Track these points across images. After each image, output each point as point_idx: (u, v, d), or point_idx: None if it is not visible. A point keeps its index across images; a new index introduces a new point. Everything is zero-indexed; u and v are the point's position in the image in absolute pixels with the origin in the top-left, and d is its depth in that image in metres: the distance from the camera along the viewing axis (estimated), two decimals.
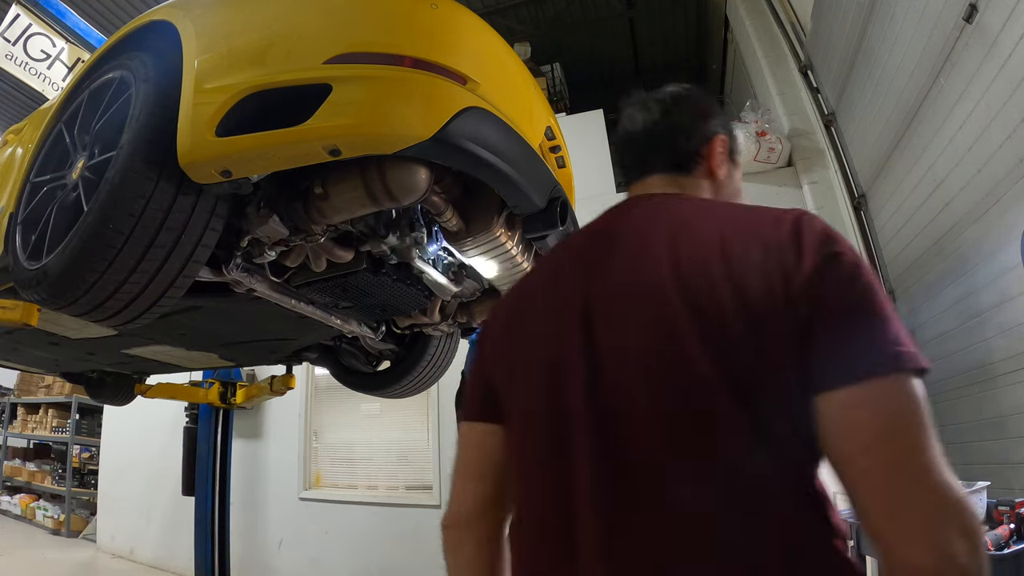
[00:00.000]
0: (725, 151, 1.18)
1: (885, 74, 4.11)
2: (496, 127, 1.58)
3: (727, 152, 1.19)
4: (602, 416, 0.90)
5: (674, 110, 1.19)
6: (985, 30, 2.90)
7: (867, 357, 0.80)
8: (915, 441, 0.78)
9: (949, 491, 0.75)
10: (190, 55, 1.63)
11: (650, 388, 0.88)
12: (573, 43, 8.86)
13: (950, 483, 0.76)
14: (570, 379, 0.94)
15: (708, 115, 1.19)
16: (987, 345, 3.30)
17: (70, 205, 1.76)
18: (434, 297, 2.42)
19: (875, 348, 0.80)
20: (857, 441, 0.79)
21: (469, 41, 1.67)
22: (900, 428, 0.79)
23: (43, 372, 4.29)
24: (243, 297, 1.98)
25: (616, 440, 0.89)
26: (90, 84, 1.99)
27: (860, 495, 0.79)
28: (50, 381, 8.72)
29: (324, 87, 1.42)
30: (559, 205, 1.91)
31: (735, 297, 0.86)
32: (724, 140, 1.18)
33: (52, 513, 8.01)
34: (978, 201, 3.22)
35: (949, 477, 0.76)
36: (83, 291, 1.67)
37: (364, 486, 6.43)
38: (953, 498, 0.75)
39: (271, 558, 6.33)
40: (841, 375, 0.80)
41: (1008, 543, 2.15)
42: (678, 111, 1.18)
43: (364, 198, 1.61)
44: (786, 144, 5.75)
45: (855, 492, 0.80)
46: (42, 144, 2.04)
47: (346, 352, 3.11)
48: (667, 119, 1.18)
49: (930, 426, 0.79)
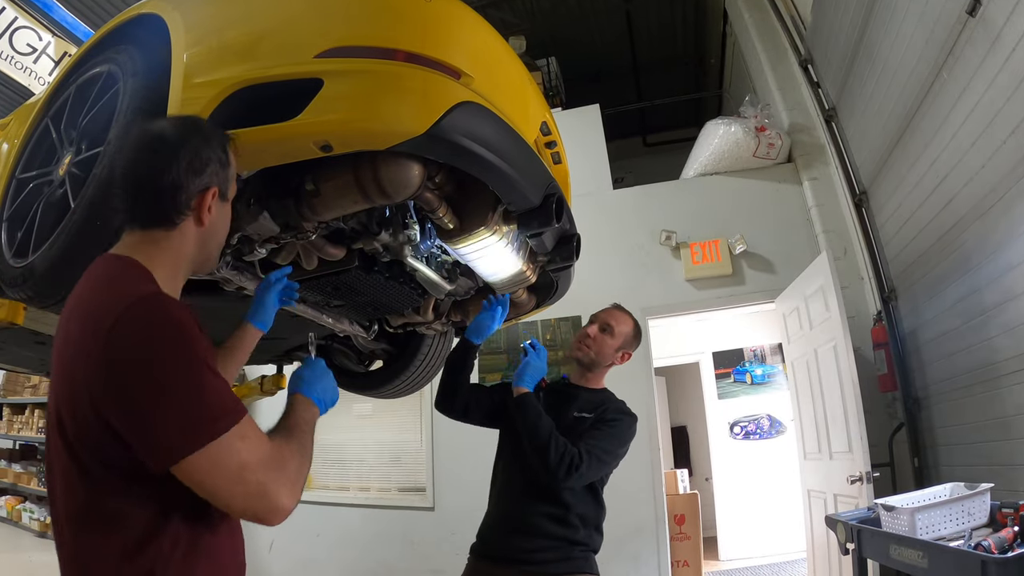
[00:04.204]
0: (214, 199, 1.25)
1: (887, 68, 4.07)
2: (491, 122, 1.55)
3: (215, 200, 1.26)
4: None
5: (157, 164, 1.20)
6: (989, 23, 2.87)
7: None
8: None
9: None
10: (179, 49, 1.61)
11: (53, 439, 1.11)
12: (569, 37, 8.80)
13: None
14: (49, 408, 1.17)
15: (200, 167, 1.22)
16: (991, 344, 3.27)
17: (56, 202, 1.74)
18: (427, 295, 2.40)
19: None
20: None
21: (463, 35, 1.64)
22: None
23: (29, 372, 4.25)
24: (233, 296, 1.95)
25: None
26: (77, 79, 1.97)
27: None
28: (36, 381, 8.57)
29: (315, 81, 1.39)
30: (555, 202, 1.87)
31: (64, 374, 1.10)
32: (215, 193, 1.24)
33: (39, 515, 7.89)
34: (981, 198, 3.19)
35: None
36: (70, 289, 1.63)
37: (356, 488, 6.43)
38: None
39: (262, 560, 6.31)
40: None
41: (1012, 546, 2.12)
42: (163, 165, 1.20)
43: (356, 195, 1.58)
44: (786, 140, 5.73)
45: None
46: (28, 140, 2.03)
47: (338, 351, 3.08)
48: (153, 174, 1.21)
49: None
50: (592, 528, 2.23)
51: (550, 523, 2.15)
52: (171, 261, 1.21)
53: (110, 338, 1.00)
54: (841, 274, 4.63)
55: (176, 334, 1.03)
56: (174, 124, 1.25)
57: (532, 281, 2.38)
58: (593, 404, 2.33)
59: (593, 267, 4.12)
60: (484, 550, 2.28)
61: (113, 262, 1.17)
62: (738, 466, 7.31)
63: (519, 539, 2.16)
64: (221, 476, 1.01)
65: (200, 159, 1.20)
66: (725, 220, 5.70)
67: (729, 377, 7.61)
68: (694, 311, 5.84)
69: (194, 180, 1.20)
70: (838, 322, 4.23)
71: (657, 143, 10.14)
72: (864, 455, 3.90)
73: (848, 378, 4.09)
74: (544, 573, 2.13)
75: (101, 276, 1.15)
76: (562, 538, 2.15)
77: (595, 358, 2.41)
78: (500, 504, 2.31)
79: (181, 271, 1.26)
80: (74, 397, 1.05)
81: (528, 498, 2.18)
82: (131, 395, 0.99)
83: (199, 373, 1.02)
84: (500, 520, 2.27)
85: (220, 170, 1.24)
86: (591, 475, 2.13)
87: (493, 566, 2.20)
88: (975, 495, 2.49)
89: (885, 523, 2.58)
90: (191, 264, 1.28)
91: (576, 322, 5.77)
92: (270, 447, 1.09)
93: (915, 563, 2.32)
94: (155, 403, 0.99)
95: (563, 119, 3.70)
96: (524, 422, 2.15)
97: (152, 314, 1.04)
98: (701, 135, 6.04)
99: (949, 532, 2.39)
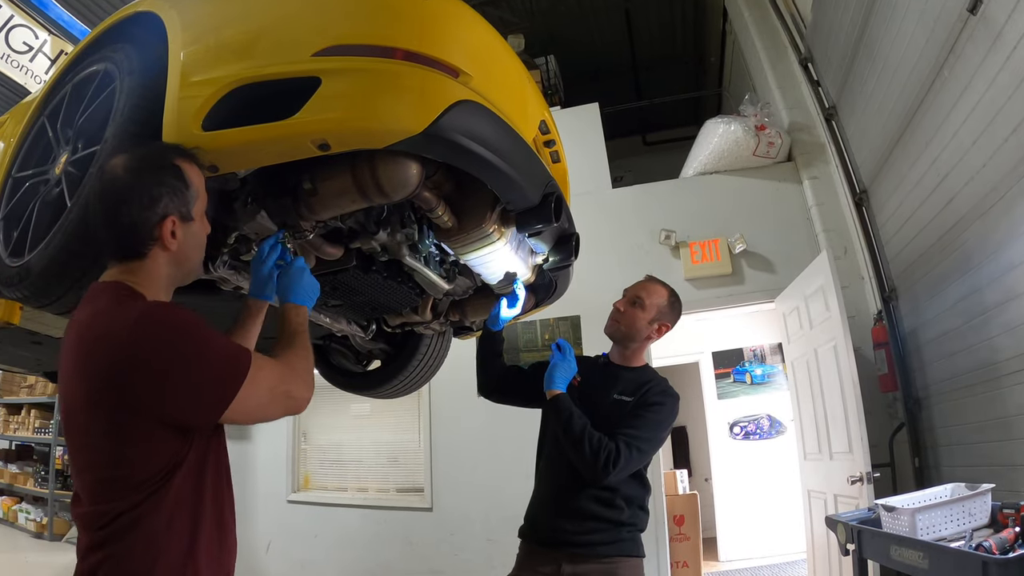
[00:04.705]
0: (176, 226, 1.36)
1: (887, 66, 4.06)
2: (489, 121, 1.54)
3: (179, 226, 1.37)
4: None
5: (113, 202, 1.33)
6: (990, 21, 2.86)
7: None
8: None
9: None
10: (176, 47, 1.60)
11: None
12: (568, 35, 8.79)
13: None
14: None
15: (153, 199, 1.32)
16: (992, 344, 3.26)
17: (53, 200, 1.74)
18: (425, 295, 2.39)
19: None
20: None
21: (461, 33, 1.63)
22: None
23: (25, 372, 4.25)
24: (230, 295, 1.94)
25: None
26: (73, 77, 1.96)
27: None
28: (32, 381, 8.56)
29: (313, 80, 1.39)
30: (554, 201, 1.86)
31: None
32: (173, 220, 1.35)
33: (35, 516, 7.90)
34: (983, 196, 3.18)
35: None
36: (66, 289, 1.64)
37: (354, 488, 6.42)
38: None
39: (259, 561, 6.30)
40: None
41: (1013, 546, 2.11)
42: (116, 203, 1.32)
43: (354, 194, 1.58)
44: (786, 138, 5.72)
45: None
46: (24, 138, 2.02)
47: (335, 351, 3.06)
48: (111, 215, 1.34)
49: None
50: (637, 507, 2.21)
51: (597, 505, 2.14)
52: (151, 284, 1.35)
53: (132, 341, 1.18)
54: (841, 273, 4.62)
55: (185, 319, 1.24)
56: (124, 164, 1.34)
57: (531, 281, 2.36)
58: (635, 385, 2.28)
59: (592, 266, 4.11)
60: (533, 534, 2.27)
61: (109, 288, 1.31)
62: (738, 466, 7.30)
63: (566, 522, 2.16)
64: (257, 404, 1.30)
65: (151, 195, 1.31)
66: (725, 219, 5.69)
67: (729, 377, 7.59)
68: (693, 311, 5.80)
69: (148, 215, 1.31)
70: (838, 322, 4.22)
71: (656, 142, 10.13)
72: (864, 455, 3.89)
73: (848, 378, 4.08)
74: (593, 555, 2.12)
75: (101, 301, 1.28)
76: (609, 519, 2.15)
77: (627, 332, 2.36)
78: (546, 486, 2.30)
79: (163, 289, 1.38)
80: (87, 411, 1.23)
81: (574, 480, 2.16)
82: (167, 374, 1.18)
83: (213, 345, 1.24)
84: (547, 502, 2.26)
85: (174, 197, 1.34)
86: (631, 468, 2.11)
87: (544, 550, 2.19)
88: (976, 496, 2.48)
89: (886, 524, 2.57)
90: (172, 282, 1.42)
91: (575, 322, 5.76)
92: (279, 363, 1.37)
93: (916, 564, 2.31)
94: (187, 373, 1.20)
95: (562, 118, 3.70)
96: (558, 424, 2.14)
97: (163, 313, 1.25)
98: (700, 134, 6.03)
99: (950, 533, 2.38)
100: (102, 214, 1.34)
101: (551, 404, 2.19)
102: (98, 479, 1.22)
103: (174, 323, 1.23)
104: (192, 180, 1.38)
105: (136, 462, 1.19)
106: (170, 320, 1.23)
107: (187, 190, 1.37)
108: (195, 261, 1.45)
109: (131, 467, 1.19)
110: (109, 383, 1.18)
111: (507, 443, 5.27)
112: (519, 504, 2.39)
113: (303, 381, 1.40)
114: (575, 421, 2.10)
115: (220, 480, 1.36)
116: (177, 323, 1.23)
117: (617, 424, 2.13)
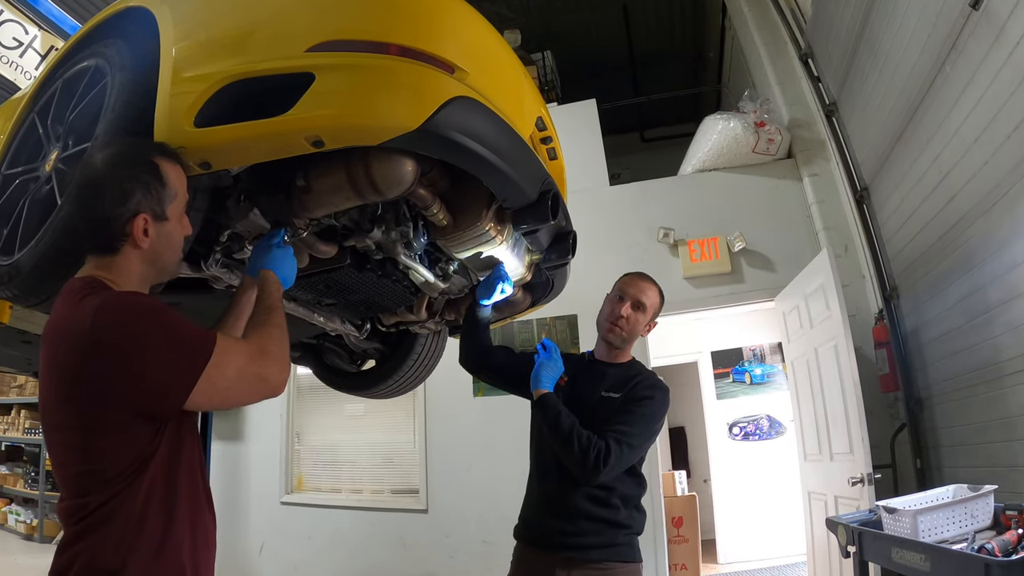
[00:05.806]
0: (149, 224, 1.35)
1: (888, 62, 4.04)
2: (485, 117, 1.52)
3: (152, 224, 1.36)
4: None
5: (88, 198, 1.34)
6: (992, 16, 2.84)
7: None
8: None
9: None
10: (167, 43, 1.59)
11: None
12: (565, 30, 8.77)
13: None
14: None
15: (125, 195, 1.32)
16: (994, 343, 3.24)
17: (43, 198, 1.73)
18: (420, 294, 2.37)
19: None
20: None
21: (457, 28, 1.62)
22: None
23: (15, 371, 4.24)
24: (223, 294, 1.92)
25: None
26: (64, 73, 1.95)
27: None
28: (23, 381, 8.50)
29: (307, 76, 1.37)
30: (550, 198, 1.85)
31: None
32: (145, 218, 1.34)
33: (25, 518, 7.85)
34: (985, 194, 3.16)
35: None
36: (56, 287, 1.61)
37: (348, 490, 6.38)
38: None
39: (252, 563, 6.28)
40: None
41: (1016, 548, 2.09)
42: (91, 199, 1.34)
43: (348, 191, 1.57)
44: (786, 135, 5.70)
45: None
46: (14, 135, 2.00)
47: (329, 351, 3.05)
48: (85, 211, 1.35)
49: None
50: (633, 507, 2.17)
51: (591, 504, 2.10)
52: (124, 280, 1.34)
53: (93, 328, 1.18)
54: (842, 272, 4.60)
55: (147, 303, 1.25)
56: (102, 159, 1.35)
57: (527, 279, 2.34)
58: (622, 381, 2.25)
59: (589, 265, 4.08)
60: (527, 534, 2.24)
61: (81, 283, 1.31)
62: (737, 467, 7.27)
63: (560, 522, 2.11)
64: (226, 387, 1.27)
65: (122, 192, 1.31)
66: (724, 217, 5.67)
67: (728, 377, 7.56)
68: (692, 310, 5.80)
69: (120, 211, 1.31)
70: (839, 321, 4.20)
71: (655, 139, 10.10)
72: (865, 456, 3.87)
73: (849, 378, 4.06)
74: (588, 559, 2.07)
75: (73, 294, 1.27)
76: (603, 519, 2.10)
77: (628, 337, 2.34)
78: (539, 485, 2.26)
79: (136, 286, 1.37)
80: (63, 399, 1.23)
81: (567, 479, 2.11)
82: (129, 356, 1.18)
83: (175, 326, 1.23)
84: (539, 502, 2.23)
85: (148, 195, 1.34)
86: (623, 465, 2.07)
87: (538, 552, 2.16)
88: (978, 497, 2.46)
89: (887, 525, 2.55)
90: (146, 279, 1.41)
91: (572, 320, 5.74)
92: (249, 344, 1.34)
93: (917, 566, 2.29)
94: (150, 353, 1.20)
95: (559, 114, 3.67)
96: (545, 423, 2.10)
97: (123, 299, 1.26)
98: (699, 130, 6.01)
99: (952, 535, 2.36)
100: (78, 206, 1.36)
101: (538, 404, 2.15)
102: (74, 474, 1.22)
103: (134, 307, 1.23)
104: (170, 179, 1.37)
105: (107, 455, 1.20)
106: (129, 305, 1.24)
107: (163, 188, 1.36)
108: (168, 261, 1.44)
109: (103, 460, 1.20)
110: (78, 376, 1.19)
111: (503, 443, 5.26)
112: (515, 505, 2.36)
113: (276, 363, 1.36)
114: (563, 420, 2.06)
115: (194, 473, 1.35)
116: (137, 307, 1.23)
117: (606, 421, 2.10)
